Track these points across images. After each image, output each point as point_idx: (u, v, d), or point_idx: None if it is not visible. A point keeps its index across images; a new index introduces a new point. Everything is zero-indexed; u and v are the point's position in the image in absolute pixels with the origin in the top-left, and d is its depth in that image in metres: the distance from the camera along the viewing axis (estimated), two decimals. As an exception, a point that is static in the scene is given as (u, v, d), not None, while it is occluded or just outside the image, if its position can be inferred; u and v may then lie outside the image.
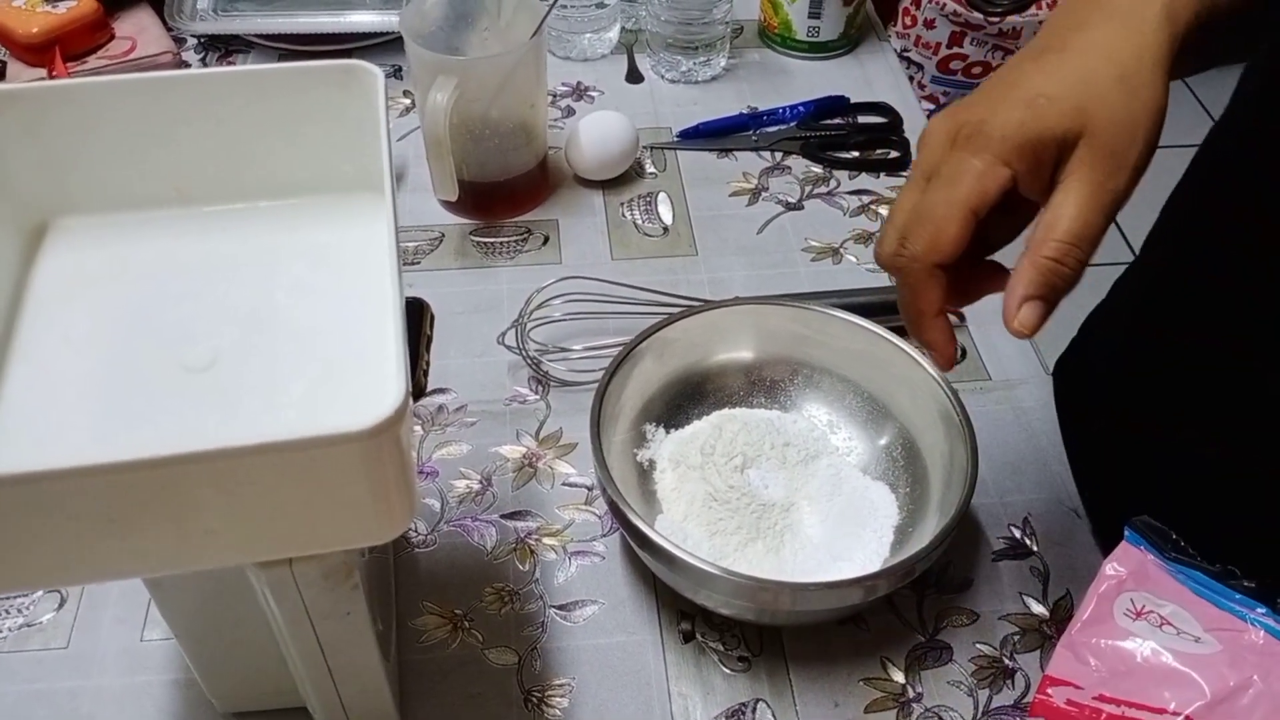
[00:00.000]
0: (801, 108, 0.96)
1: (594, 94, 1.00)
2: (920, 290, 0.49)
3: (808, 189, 0.91)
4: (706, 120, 0.95)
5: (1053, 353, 0.81)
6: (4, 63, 0.97)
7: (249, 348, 0.48)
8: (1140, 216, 0.82)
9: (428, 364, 0.58)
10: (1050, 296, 0.47)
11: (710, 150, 0.94)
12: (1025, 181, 0.47)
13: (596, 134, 0.87)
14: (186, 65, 0.99)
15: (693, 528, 0.63)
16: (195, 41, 1.03)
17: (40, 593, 0.63)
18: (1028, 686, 0.60)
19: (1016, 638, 0.62)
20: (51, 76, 0.92)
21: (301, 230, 0.53)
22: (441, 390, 0.74)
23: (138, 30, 0.98)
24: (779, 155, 0.94)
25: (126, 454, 0.35)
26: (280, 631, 0.49)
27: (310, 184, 0.54)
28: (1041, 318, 0.47)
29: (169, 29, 0.99)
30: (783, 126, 0.96)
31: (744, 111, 0.97)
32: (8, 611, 0.62)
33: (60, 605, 0.62)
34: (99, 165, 0.52)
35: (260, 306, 0.50)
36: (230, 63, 1.01)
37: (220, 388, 0.47)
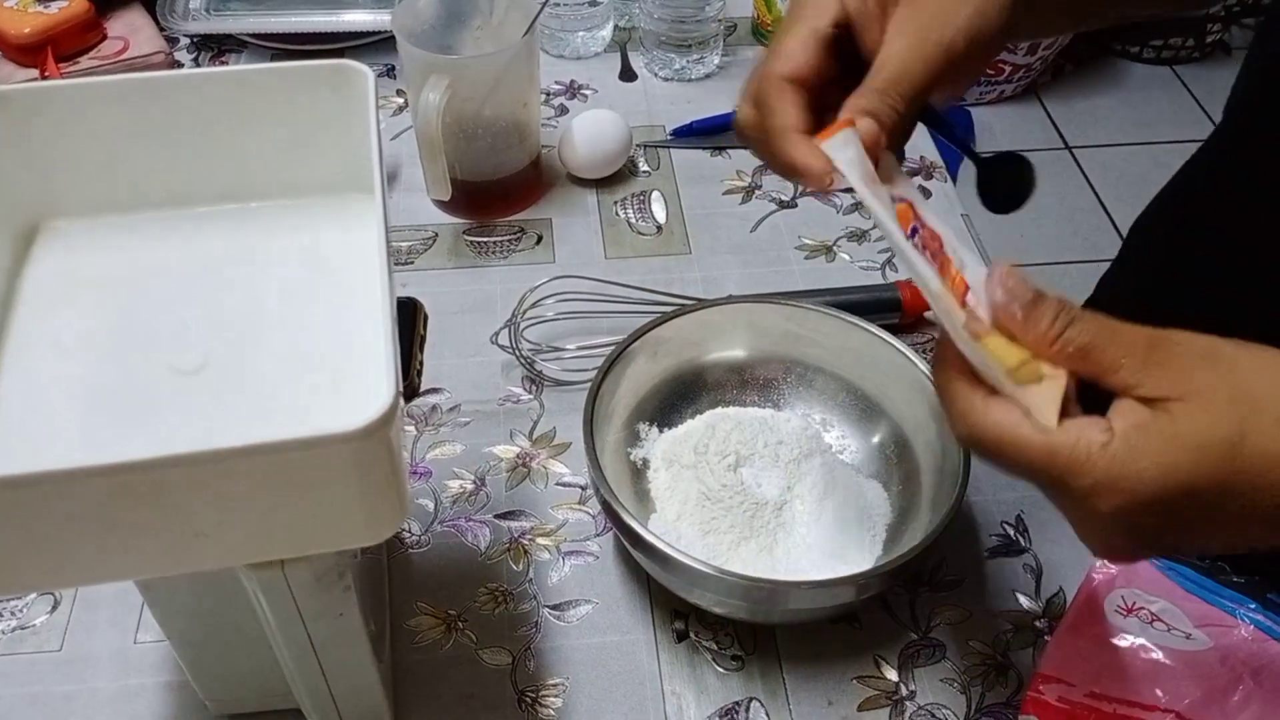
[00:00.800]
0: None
1: (587, 92, 1.00)
2: (776, 106, 0.47)
3: (800, 187, 0.91)
4: (699, 119, 0.95)
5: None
6: (-4, 63, 0.96)
7: (240, 350, 0.48)
8: (1130, 210, 0.83)
9: (421, 364, 0.58)
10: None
11: (703, 148, 0.94)
12: (857, 21, 0.48)
13: (590, 132, 0.87)
14: (179, 65, 0.99)
15: (686, 527, 0.63)
16: (188, 41, 1.03)
17: (33, 596, 0.63)
18: (1020, 684, 0.60)
19: (1009, 635, 0.62)
20: (44, 77, 0.92)
21: (293, 231, 0.53)
22: (435, 390, 0.74)
23: (130, 30, 0.98)
24: (772, 153, 0.94)
25: (117, 456, 0.35)
26: (273, 633, 0.49)
27: (301, 185, 0.54)
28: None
29: (161, 29, 0.99)
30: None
31: (737, 109, 0.97)
32: (0, 614, 0.62)
33: (54, 608, 0.62)
34: (89, 167, 0.52)
35: (251, 308, 0.50)
36: (223, 62, 1.01)
37: (211, 390, 0.47)
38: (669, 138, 0.95)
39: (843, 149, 0.45)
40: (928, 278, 0.43)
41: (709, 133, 0.95)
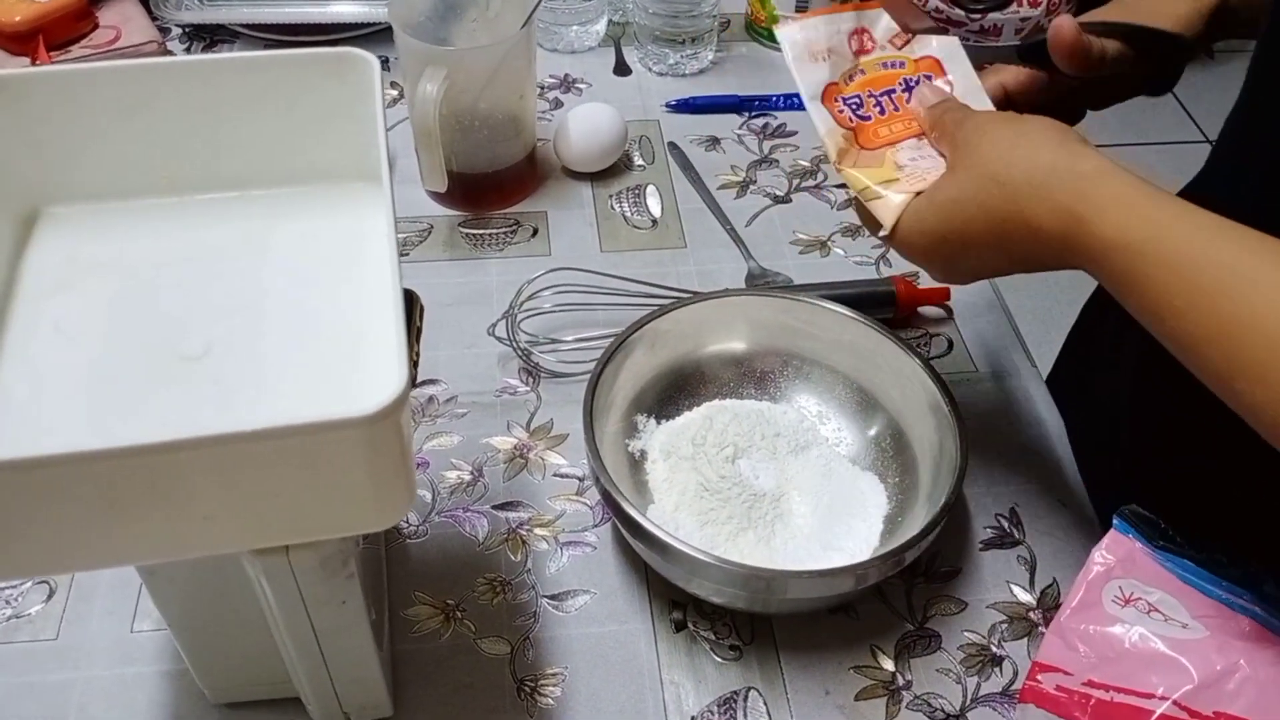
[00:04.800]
0: (796, 99, 0.96)
1: (581, 86, 1.00)
2: None
3: (795, 182, 0.91)
4: (700, 95, 0.97)
5: (1037, 345, 0.81)
6: (-14, 51, 0.96)
7: (243, 337, 0.48)
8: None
9: (417, 355, 0.58)
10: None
11: (699, 144, 0.94)
12: None
13: (585, 126, 0.87)
14: (171, 55, 0.99)
15: (684, 518, 0.63)
16: (180, 31, 1.02)
17: (29, 584, 0.62)
18: (1015, 674, 0.61)
19: (1004, 626, 0.63)
20: (35, 66, 0.91)
21: (295, 219, 0.53)
22: (432, 381, 0.74)
23: (122, 19, 0.97)
24: (767, 148, 0.94)
25: (130, 439, 0.35)
26: (275, 620, 0.49)
27: (304, 173, 0.54)
28: None
29: (154, 18, 0.99)
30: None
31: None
32: (-5, 603, 0.62)
33: (49, 597, 0.62)
34: (91, 153, 0.52)
35: (254, 295, 0.50)
36: (215, 53, 1.00)
37: (214, 377, 0.47)
38: (665, 108, 0.97)
39: (798, 32, 0.61)
40: (818, 122, 0.60)
41: (705, 110, 0.96)
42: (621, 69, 1.02)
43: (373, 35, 1.00)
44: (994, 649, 0.62)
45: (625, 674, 0.60)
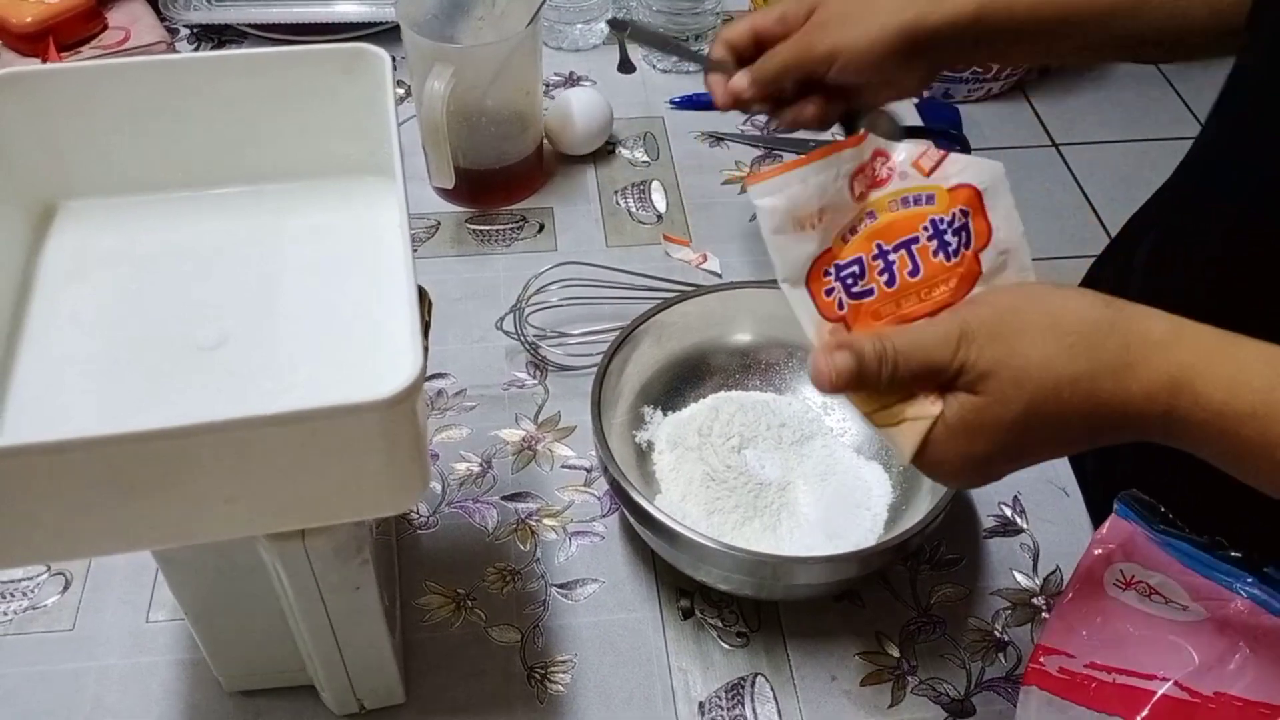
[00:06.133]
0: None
1: (586, 84, 1.00)
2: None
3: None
4: (700, 92, 0.97)
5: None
6: (-4, 52, 0.97)
7: (257, 328, 0.49)
8: (1117, 207, 0.84)
9: (426, 349, 0.59)
10: None
11: (703, 141, 0.95)
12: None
13: (570, 110, 0.88)
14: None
15: (691, 507, 0.64)
16: (188, 32, 1.03)
17: (45, 575, 0.63)
18: (1019, 659, 0.61)
19: (1007, 612, 0.63)
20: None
21: (308, 213, 0.54)
22: (441, 375, 0.75)
23: (131, 20, 0.98)
24: (771, 144, 0.95)
25: (152, 424, 0.36)
26: (290, 607, 0.49)
27: (316, 167, 0.55)
28: None
29: (162, 19, 1.00)
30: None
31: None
32: (12, 594, 0.63)
33: (65, 587, 0.63)
34: (106, 148, 0.53)
35: (267, 287, 0.51)
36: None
37: (229, 368, 0.48)
38: (669, 105, 0.97)
39: (776, 196, 0.46)
40: (799, 312, 0.47)
41: (709, 107, 0.97)
42: (625, 66, 1.03)
43: (379, 34, 1.01)
44: (998, 634, 0.62)
45: (634, 661, 0.61)
